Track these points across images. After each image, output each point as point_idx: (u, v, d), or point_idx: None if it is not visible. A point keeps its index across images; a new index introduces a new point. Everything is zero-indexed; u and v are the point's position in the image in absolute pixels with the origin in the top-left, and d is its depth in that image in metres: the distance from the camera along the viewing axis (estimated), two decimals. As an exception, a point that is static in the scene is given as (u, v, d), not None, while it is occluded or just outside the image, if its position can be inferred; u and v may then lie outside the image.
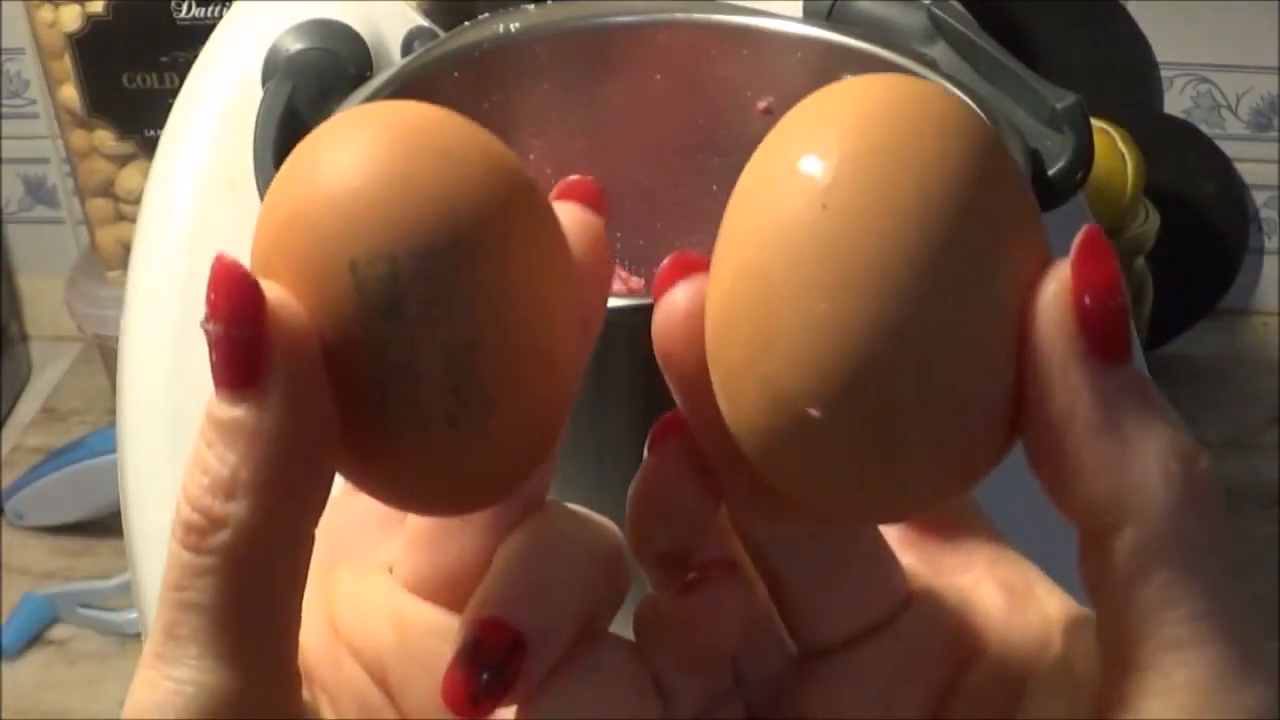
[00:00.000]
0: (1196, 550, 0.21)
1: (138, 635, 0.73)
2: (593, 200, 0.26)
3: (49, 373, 0.99)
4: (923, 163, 0.22)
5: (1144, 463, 0.21)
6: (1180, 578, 0.21)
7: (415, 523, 0.27)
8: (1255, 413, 0.92)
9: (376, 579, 0.27)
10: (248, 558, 0.22)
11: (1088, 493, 0.22)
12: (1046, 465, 0.22)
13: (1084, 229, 0.22)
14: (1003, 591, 0.27)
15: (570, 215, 0.25)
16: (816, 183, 0.22)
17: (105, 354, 0.87)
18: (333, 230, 0.22)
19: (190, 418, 0.49)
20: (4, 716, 0.72)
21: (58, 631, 0.77)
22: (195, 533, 0.22)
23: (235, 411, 0.22)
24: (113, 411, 0.64)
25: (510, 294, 0.23)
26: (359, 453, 0.23)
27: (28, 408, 0.95)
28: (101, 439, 0.80)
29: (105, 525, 0.81)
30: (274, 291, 0.22)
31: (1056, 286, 0.22)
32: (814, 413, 0.22)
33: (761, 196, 0.23)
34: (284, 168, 0.24)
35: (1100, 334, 0.22)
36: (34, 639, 0.76)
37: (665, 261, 0.25)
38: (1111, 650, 0.22)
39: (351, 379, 0.23)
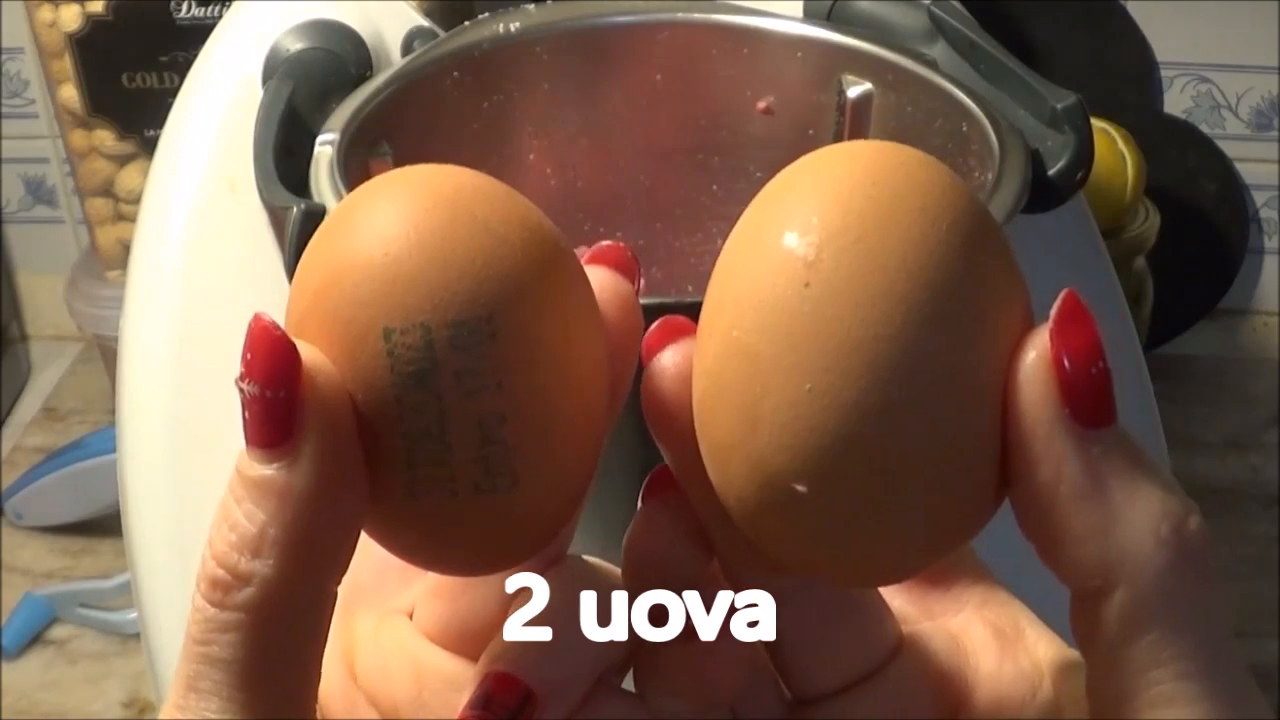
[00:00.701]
0: (1186, 610, 0.21)
1: (138, 635, 0.73)
2: (624, 265, 0.26)
3: (49, 373, 0.99)
4: (905, 239, 0.22)
5: (1132, 528, 0.21)
6: (1169, 637, 0.21)
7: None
8: (1255, 413, 0.92)
9: (396, 625, 0.27)
10: (271, 615, 0.22)
11: (1077, 557, 0.22)
12: (1035, 530, 0.22)
13: (1062, 295, 0.22)
14: (992, 635, 0.27)
15: (601, 280, 0.25)
16: (799, 260, 0.22)
17: (105, 354, 0.87)
18: (367, 296, 0.22)
19: (190, 418, 0.49)
20: (4, 716, 0.72)
21: (58, 631, 0.77)
22: (220, 588, 0.22)
23: (265, 470, 0.22)
24: (113, 411, 0.64)
25: (542, 365, 0.23)
26: (385, 514, 0.24)
27: (28, 408, 0.95)
28: (101, 439, 0.80)
29: (105, 525, 0.81)
30: (309, 353, 0.22)
31: (1036, 355, 0.22)
32: (800, 489, 0.22)
33: (746, 270, 0.23)
34: (323, 228, 0.24)
35: (1083, 400, 0.22)
36: (34, 639, 0.76)
37: (654, 325, 0.25)
38: (1101, 705, 0.22)
39: (382, 443, 0.23)
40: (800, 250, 0.22)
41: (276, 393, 0.22)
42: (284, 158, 0.42)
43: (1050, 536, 0.22)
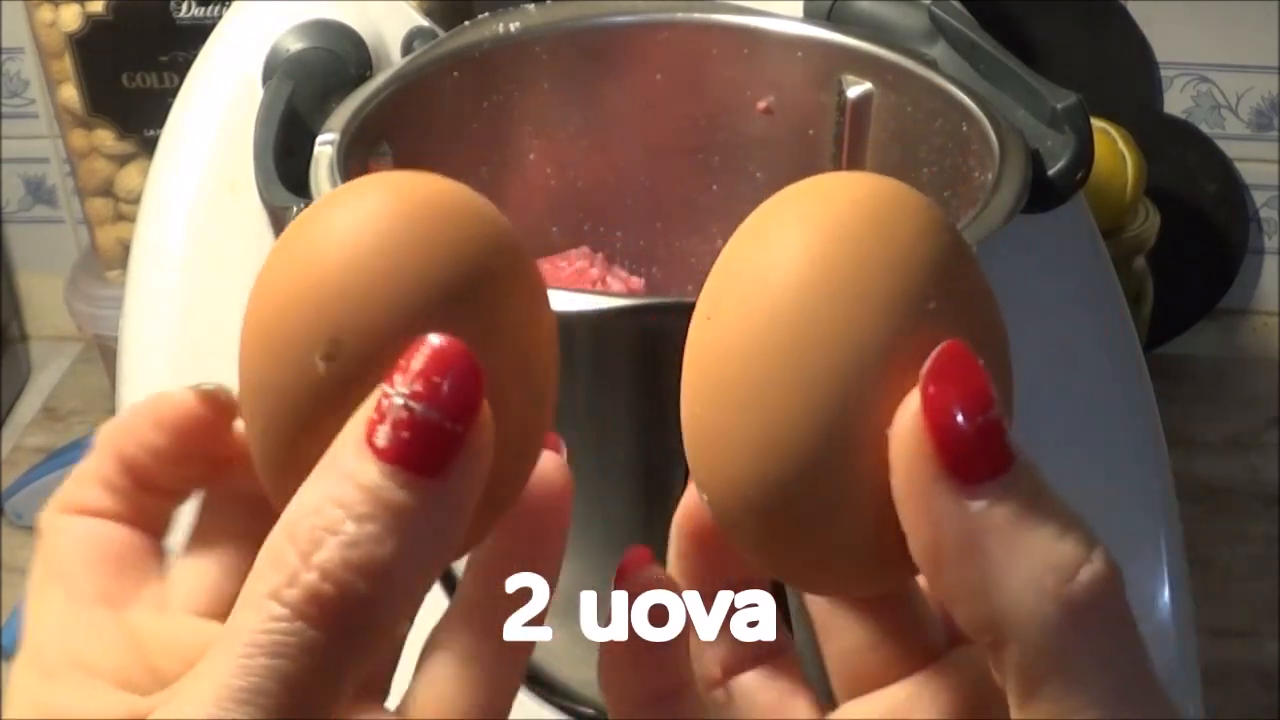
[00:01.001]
0: (1085, 660, 0.21)
1: (138, 635, 0.72)
2: None
3: (49, 373, 0.99)
4: (784, 296, 0.22)
5: (1016, 584, 0.21)
6: (1070, 690, 0.21)
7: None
8: (1255, 413, 0.92)
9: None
10: (361, 643, 0.21)
11: (966, 616, 0.22)
12: (931, 587, 0.22)
13: (939, 347, 0.21)
14: None
15: None
16: (711, 294, 0.24)
17: (105, 354, 0.87)
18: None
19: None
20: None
21: (58, 631, 0.77)
22: (320, 605, 0.20)
23: (404, 495, 0.21)
24: (113, 411, 0.64)
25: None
26: None
27: (28, 408, 0.95)
28: (101, 439, 0.80)
29: (105, 525, 0.81)
30: None
31: (909, 414, 0.21)
32: (703, 496, 0.24)
33: (699, 303, 0.24)
34: (429, 266, 0.22)
35: (965, 457, 0.21)
36: (34, 639, 0.76)
37: None
38: None
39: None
40: (712, 285, 0.24)
41: (449, 423, 0.20)
42: (284, 158, 0.42)
43: (941, 594, 0.22)
